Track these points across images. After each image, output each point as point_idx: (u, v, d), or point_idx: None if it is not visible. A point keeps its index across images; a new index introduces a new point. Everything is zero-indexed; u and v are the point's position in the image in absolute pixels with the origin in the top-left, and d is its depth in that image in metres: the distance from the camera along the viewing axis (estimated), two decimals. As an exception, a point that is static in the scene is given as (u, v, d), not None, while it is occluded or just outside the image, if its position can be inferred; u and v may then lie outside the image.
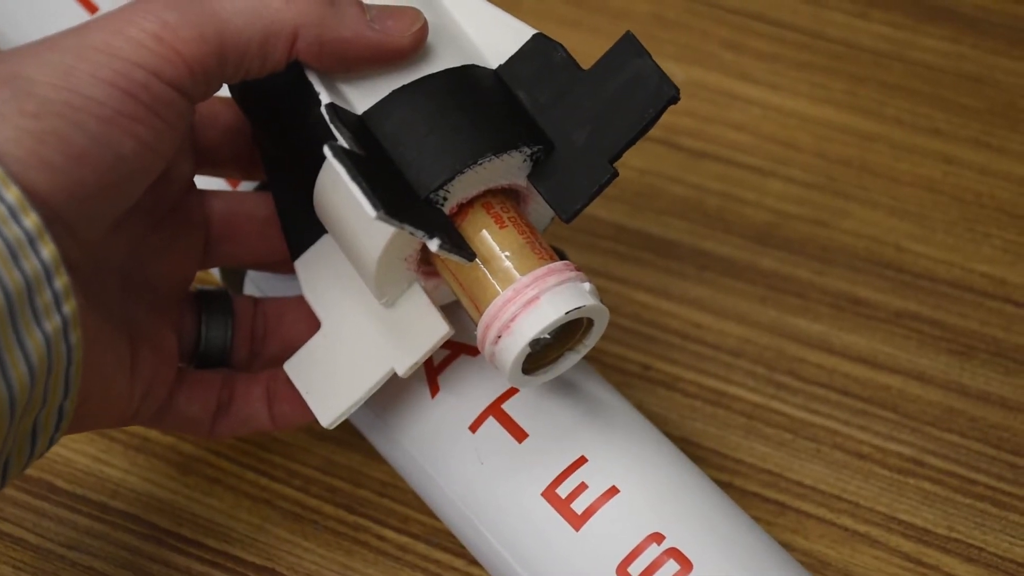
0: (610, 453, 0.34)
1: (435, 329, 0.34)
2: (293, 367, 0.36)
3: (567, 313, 0.31)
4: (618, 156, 0.32)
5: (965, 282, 0.43)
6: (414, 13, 0.33)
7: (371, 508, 0.40)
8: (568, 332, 0.33)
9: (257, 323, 0.37)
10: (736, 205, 0.45)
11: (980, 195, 0.45)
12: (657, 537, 0.33)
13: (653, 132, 0.46)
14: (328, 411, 0.35)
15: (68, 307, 0.28)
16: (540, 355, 0.33)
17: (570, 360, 0.34)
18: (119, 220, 0.32)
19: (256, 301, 0.37)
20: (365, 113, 0.33)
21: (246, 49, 0.31)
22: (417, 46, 0.33)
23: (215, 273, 0.42)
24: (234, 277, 0.40)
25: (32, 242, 0.27)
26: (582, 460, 0.34)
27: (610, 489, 0.34)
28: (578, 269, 0.32)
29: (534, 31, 0.34)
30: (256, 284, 0.40)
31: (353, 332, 0.35)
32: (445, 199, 0.32)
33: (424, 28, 0.33)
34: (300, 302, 0.37)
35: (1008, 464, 0.40)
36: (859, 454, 0.40)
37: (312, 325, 0.36)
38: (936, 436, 0.41)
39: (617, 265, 0.44)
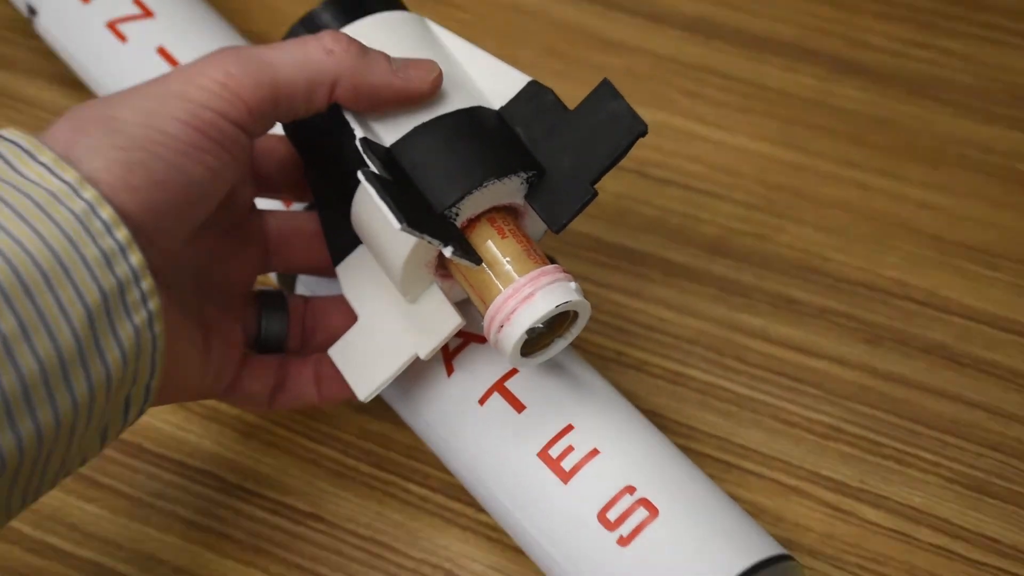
0: (592, 422, 0.35)
1: (450, 320, 0.34)
2: (336, 352, 0.36)
3: (557, 306, 0.31)
4: (598, 179, 0.32)
5: (875, 284, 0.44)
6: (431, 64, 0.33)
7: (398, 466, 0.40)
8: (558, 322, 0.33)
9: (307, 317, 0.37)
10: (693, 223, 0.46)
11: (887, 214, 0.45)
12: (630, 489, 0.33)
13: (626, 163, 0.46)
14: (364, 387, 0.35)
15: (152, 304, 0.28)
16: (535, 341, 0.33)
17: (559, 345, 0.34)
18: (193, 234, 0.32)
19: (306, 299, 0.38)
20: (392, 145, 0.32)
21: (294, 94, 0.31)
22: (434, 91, 0.33)
23: (273, 277, 0.42)
24: (288, 280, 0.40)
25: (123, 251, 0.28)
26: (569, 427, 0.34)
27: (592, 451, 0.34)
28: (566, 272, 0.32)
29: (529, 78, 0.34)
30: (306, 285, 0.40)
31: (384, 324, 0.35)
32: (457, 214, 0.32)
33: (439, 76, 0.33)
34: (341, 300, 0.37)
35: (908, 430, 0.40)
36: (790, 423, 0.41)
37: (350, 319, 0.36)
38: (851, 408, 0.41)
39: (597, 271, 0.44)
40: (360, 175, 0.30)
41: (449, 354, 0.36)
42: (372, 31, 0.34)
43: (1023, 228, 0.45)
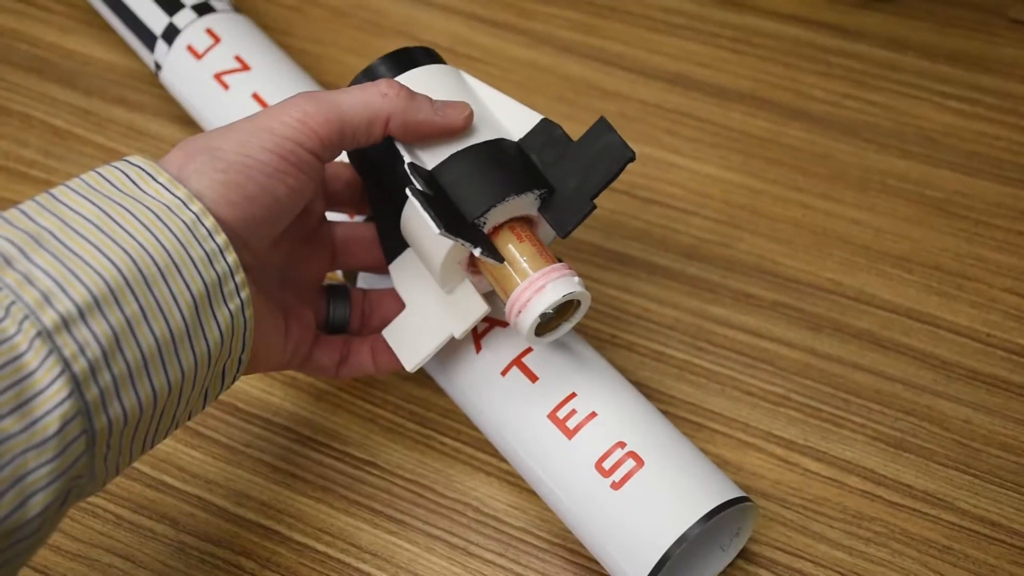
0: (591, 390, 0.34)
1: (479, 308, 0.34)
2: (388, 333, 0.36)
3: (563, 296, 0.31)
4: (596, 196, 0.32)
5: (816, 283, 0.43)
6: (464, 105, 0.33)
7: (437, 424, 0.40)
8: (564, 309, 0.33)
9: (365, 305, 0.37)
10: (671, 233, 0.45)
11: (825, 229, 0.45)
12: (621, 444, 0.33)
13: (617, 186, 0.47)
14: (410, 361, 0.35)
15: (244, 294, 0.28)
16: (546, 324, 0.33)
17: (565, 328, 0.34)
18: (277, 239, 0.33)
19: (364, 291, 0.37)
20: (434, 168, 0.32)
21: (357, 128, 0.31)
22: (466, 126, 0.33)
23: (339, 274, 0.42)
24: (351, 276, 0.40)
25: (221, 252, 0.28)
26: (573, 395, 0.34)
27: (591, 413, 0.34)
28: (571, 269, 0.32)
29: (542, 116, 0.34)
30: (365, 280, 0.40)
31: (426, 310, 0.35)
32: (484, 223, 0.32)
33: (471, 115, 0.33)
34: (392, 292, 0.37)
35: (842, 399, 0.40)
36: (748, 392, 0.40)
37: (399, 306, 0.36)
38: (798, 381, 0.41)
39: (594, 271, 0.44)
40: (408, 192, 0.30)
41: (477, 335, 0.36)
42: (419, 79, 0.34)
43: (931, 241, 0.45)
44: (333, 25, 0.54)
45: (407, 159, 0.32)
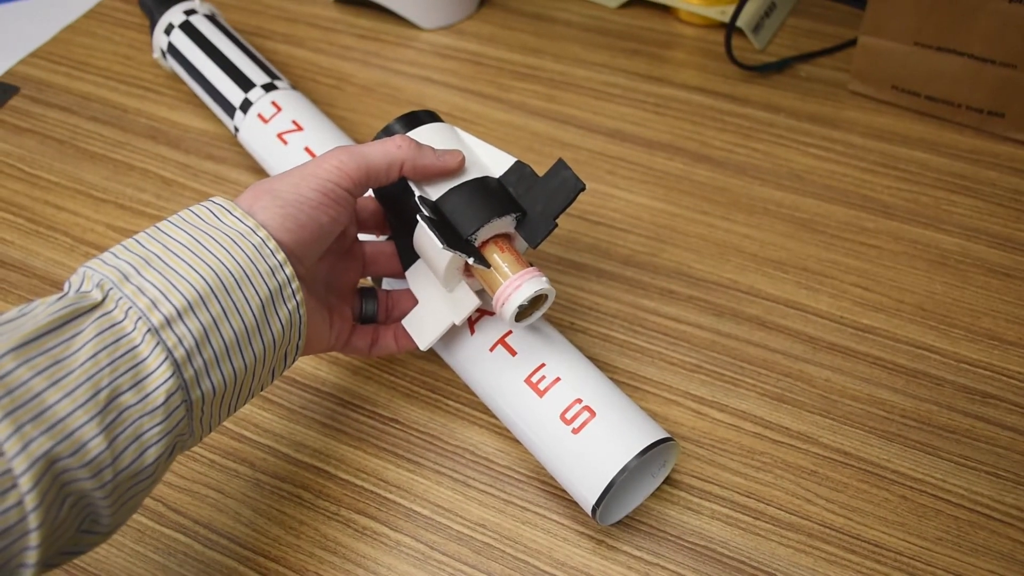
0: (556, 361, 0.34)
1: (472, 302, 0.33)
2: (406, 322, 0.35)
3: (535, 291, 0.31)
4: (557, 216, 0.32)
5: (719, 282, 0.43)
6: (458, 152, 0.32)
7: (443, 390, 0.39)
8: (536, 301, 0.33)
9: (389, 302, 0.36)
10: (614, 247, 0.44)
11: (726, 241, 0.44)
12: (579, 400, 0.32)
13: (573, 212, 0.46)
14: (424, 342, 0.34)
15: (299, 296, 0.28)
16: (523, 313, 0.33)
17: (536, 315, 0.33)
18: (322, 256, 0.32)
19: (388, 292, 0.37)
20: (437, 199, 0.32)
21: (379, 172, 0.31)
22: (460, 168, 0.32)
23: (369, 279, 0.41)
24: (378, 281, 0.39)
25: (281, 267, 0.27)
26: (543, 364, 0.34)
27: (556, 378, 0.33)
28: (540, 272, 0.32)
29: (515, 159, 0.33)
30: (388, 283, 0.39)
31: (433, 305, 0.34)
32: (476, 238, 0.31)
33: (463, 160, 0.32)
34: (408, 291, 0.36)
35: (738, 366, 0.39)
36: (671, 363, 0.40)
37: (414, 302, 0.35)
38: (706, 354, 0.40)
39: (557, 275, 0.43)
40: (419, 217, 0.29)
41: (472, 322, 0.35)
42: (424, 134, 0.33)
43: (800, 250, 0.44)
44: (363, 98, 0.53)
45: (417, 193, 0.31)
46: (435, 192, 0.32)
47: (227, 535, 0.34)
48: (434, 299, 0.34)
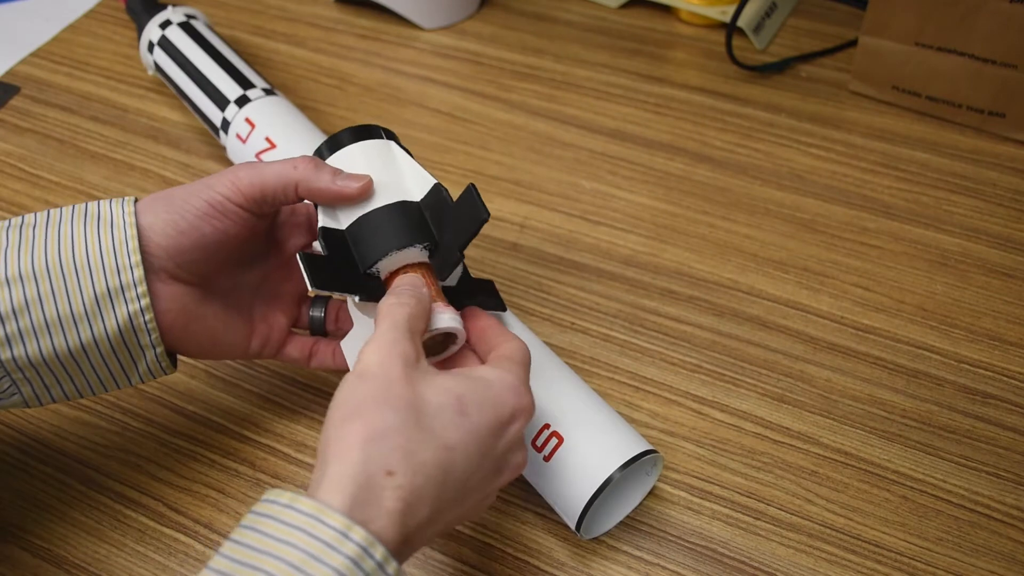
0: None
1: None
2: (344, 342, 0.33)
3: (433, 330, 0.29)
4: (464, 248, 0.29)
5: (719, 282, 0.43)
6: (363, 176, 0.31)
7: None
8: (446, 339, 0.30)
9: (340, 312, 0.36)
10: (614, 247, 0.44)
11: (728, 242, 0.44)
12: (547, 426, 0.32)
13: (574, 212, 0.46)
14: (351, 365, 0.32)
15: (143, 301, 0.29)
16: (437, 347, 0.30)
17: (445, 354, 0.31)
18: (251, 265, 0.33)
19: (342, 302, 0.36)
20: (347, 227, 0.31)
21: (276, 190, 0.30)
22: (362, 194, 0.30)
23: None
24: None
25: (132, 268, 0.29)
26: None
27: None
28: (449, 309, 0.29)
29: (435, 181, 0.31)
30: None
31: (363, 330, 0.32)
32: (378, 272, 0.30)
33: (368, 184, 0.30)
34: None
35: (738, 366, 0.39)
36: (671, 363, 0.40)
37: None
38: (707, 354, 0.40)
39: (558, 275, 0.43)
40: (297, 256, 0.29)
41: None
42: (347, 155, 0.32)
43: (801, 250, 0.44)
44: (364, 98, 0.53)
45: (320, 223, 0.31)
46: (347, 219, 0.31)
47: (227, 535, 0.34)
48: (363, 324, 0.32)
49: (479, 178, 0.48)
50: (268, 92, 0.45)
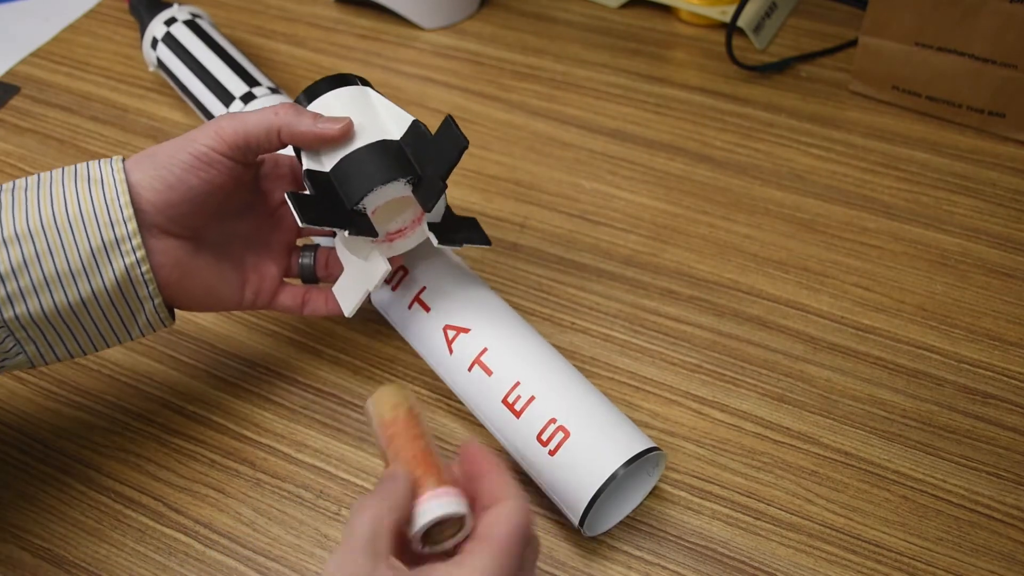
0: (532, 377, 0.33)
1: (381, 268, 0.33)
2: (335, 288, 0.35)
3: (437, 516, 0.24)
4: (445, 178, 0.30)
5: (720, 282, 0.43)
6: (343, 119, 0.31)
7: (445, 390, 0.38)
8: (450, 525, 0.25)
9: (330, 260, 0.36)
10: (615, 247, 0.44)
11: (728, 242, 0.44)
12: (553, 420, 0.32)
13: (572, 211, 0.46)
14: (346, 308, 0.34)
15: (139, 253, 0.30)
16: (433, 538, 0.25)
17: (451, 543, 0.25)
18: (240, 215, 0.34)
19: (329, 250, 0.37)
20: (331, 169, 0.31)
21: (259, 137, 0.31)
22: (343, 135, 0.31)
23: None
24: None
25: (125, 221, 0.29)
26: (518, 383, 0.33)
27: (531, 397, 0.32)
28: (444, 484, 0.24)
29: (413, 118, 0.32)
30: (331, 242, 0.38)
31: (353, 272, 0.34)
32: (365, 208, 0.31)
33: (348, 125, 0.31)
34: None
35: (739, 366, 0.39)
36: (671, 363, 0.40)
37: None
38: (707, 354, 0.40)
39: (558, 275, 0.43)
40: (285, 195, 0.30)
41: (449, 342, 0.34)
42: (325, 102, 0.33)
43: (801, 250, 0.44)
44: (364, 96, 0.53)
45: (305, 166, 0.31)
46: (330, 162, 0.31)
47: (227, 535, 0.34)
48: (353, 266, 0.34)
49: (479, 178, 0.48)
50: (273, 91, 0.46)
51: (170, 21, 0.48)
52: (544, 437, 0.31)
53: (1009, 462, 0.35)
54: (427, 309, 0.35)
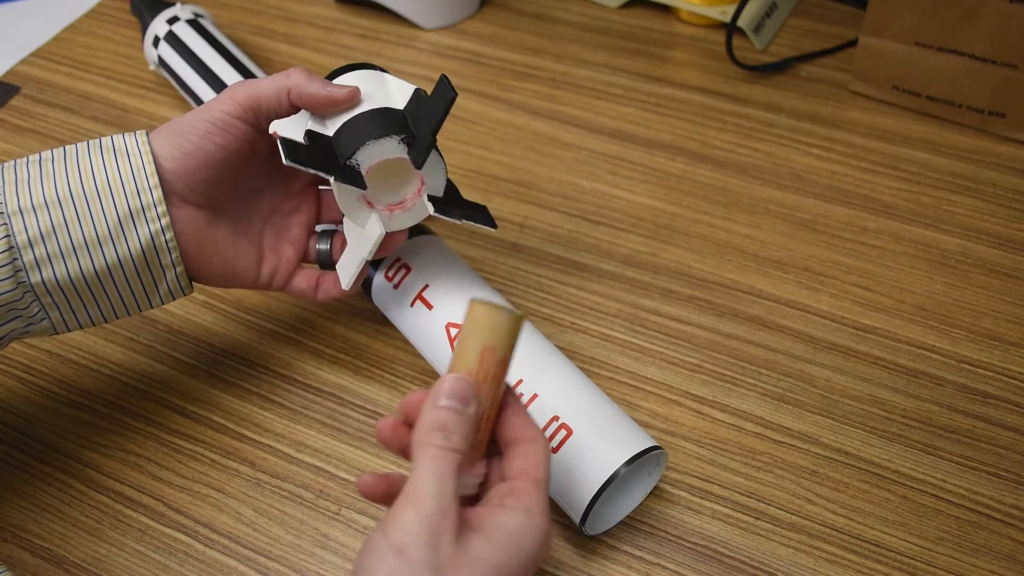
0: (534, 375, 0.33)
1: (375, 231, 0.33)
2: (339, 264, 0.36)
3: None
4: (435, 132, 0.31)
5: (719, 282, 0.43)
6: (351, 87, 0.32)
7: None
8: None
9: (345, 244, 0.37)
10: (615, 246, 0.44)
11: (726, 242, 0.44)
12: (556, 417, 0.32)
13: (574, 212, 0.46)
14: (343, 281, 0.35)
15: (164, 220, 0.31)
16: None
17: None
18: (260, 194, 0.35)
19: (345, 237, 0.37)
20: (334, 133, 0.32)
21: (270, 99, 0.32)
22: (350, 99, 0.32)
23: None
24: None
25: (151, 189, 0.30)
26: (520, 381, 0.32)
27: (534, 395, 0.32)
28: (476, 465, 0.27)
29: (415, 87, 0.33)
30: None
31: (354, 244, 0.35)
32: (358, 164, 0.32)
33: (354, 91, 0.32)
34: None
35: (739, 366, 0.39)
36: (672, 362, 0.40)
37: None
38: (707, 354, 0.40)
39: (558, 275, 0.43)
40: (277, 137, 0.32)
41: (452, 338, 0.34)
42: (348, 76, 0.34)
43: (801, 250, 0.44)
44: (364, 96, 0.53)
45: (308, 127, 0.32)
46: (334, 126, 0.32)
47: (228, 535, 0.34)
48: (353, 239, 0.34)
49: (479, 178, 0.48)
50: None
51: (172, 20, 0.49)
52: (547, 435, 0.31)
53: (1009, 462, 0.35)
54: (429, 307, 0.35)
